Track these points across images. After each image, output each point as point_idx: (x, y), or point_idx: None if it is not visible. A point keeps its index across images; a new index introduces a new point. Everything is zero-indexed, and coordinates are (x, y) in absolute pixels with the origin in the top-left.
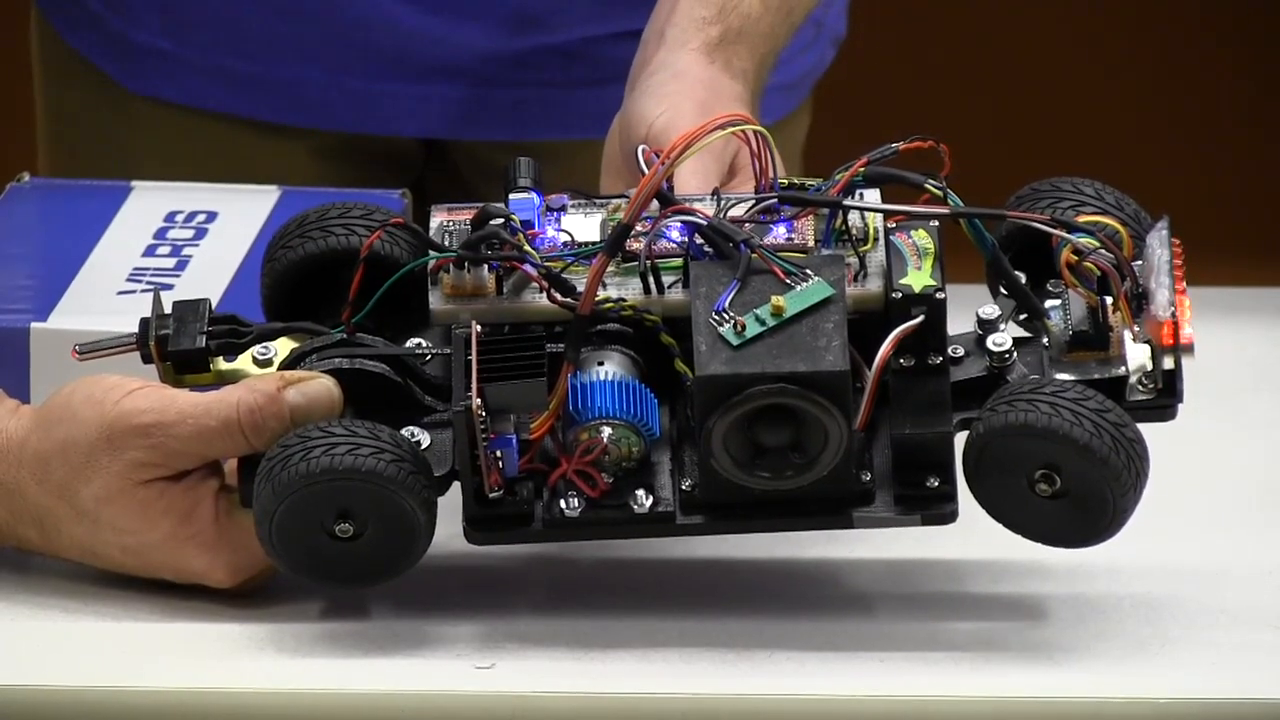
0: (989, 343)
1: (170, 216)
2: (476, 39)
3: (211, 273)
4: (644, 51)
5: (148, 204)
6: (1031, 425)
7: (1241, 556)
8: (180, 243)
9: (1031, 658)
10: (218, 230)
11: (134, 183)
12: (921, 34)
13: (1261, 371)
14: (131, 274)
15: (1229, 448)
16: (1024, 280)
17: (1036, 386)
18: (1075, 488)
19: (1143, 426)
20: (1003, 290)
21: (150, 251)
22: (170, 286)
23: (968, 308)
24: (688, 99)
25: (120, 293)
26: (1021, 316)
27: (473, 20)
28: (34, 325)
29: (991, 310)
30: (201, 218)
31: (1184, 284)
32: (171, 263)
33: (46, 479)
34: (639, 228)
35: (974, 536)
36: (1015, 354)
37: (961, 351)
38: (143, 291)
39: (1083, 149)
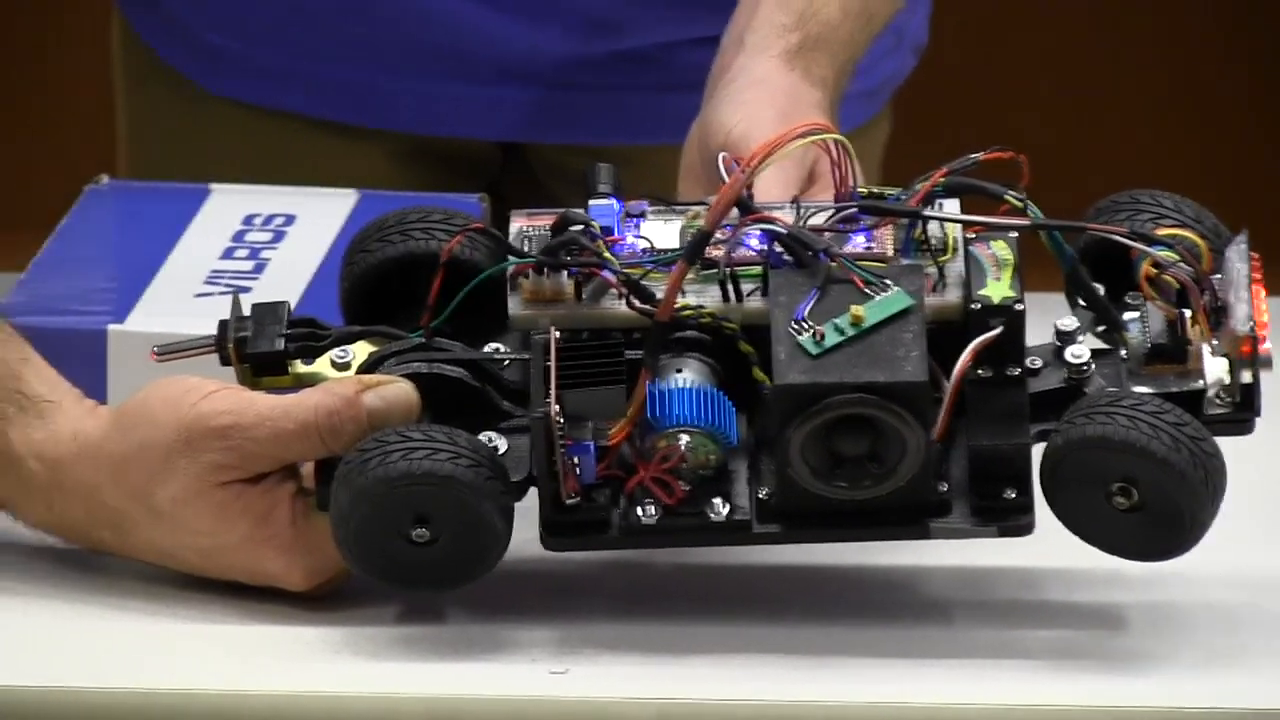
0: (1067, 354)
1: (248, 219)
2: (552, 43)
3: (289, 276)
4: (722, 58)
5: (226, 206)
6: (1110, 438)
7: None
8: (258, 245)
9: (1108, 666)
10: (296, 233)
11: (212, 185)
12: (1003, 44)
13: None
14: (209, 276)
15: None
16: (1102, 292)
17: (1115, 399)
18: (1153, 501)
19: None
20: (1081, 302)
21: (228, 254)
22: (248, 289)
23: (1046, 318)
24: (767, 106)
25: (198, 295)
26: (1099, 328)
27: (548, 24)
28: (111, 327)
29: (1070, 322)
30: (279, 220)
31: (1264, 297)
32: (249, 265)
33: (124, 480)
34: (718, 235)
35: (1050, 544)
36: (1093, 366)
37: (1039, 363)
38: (220, 294)
39: (1159, 159)
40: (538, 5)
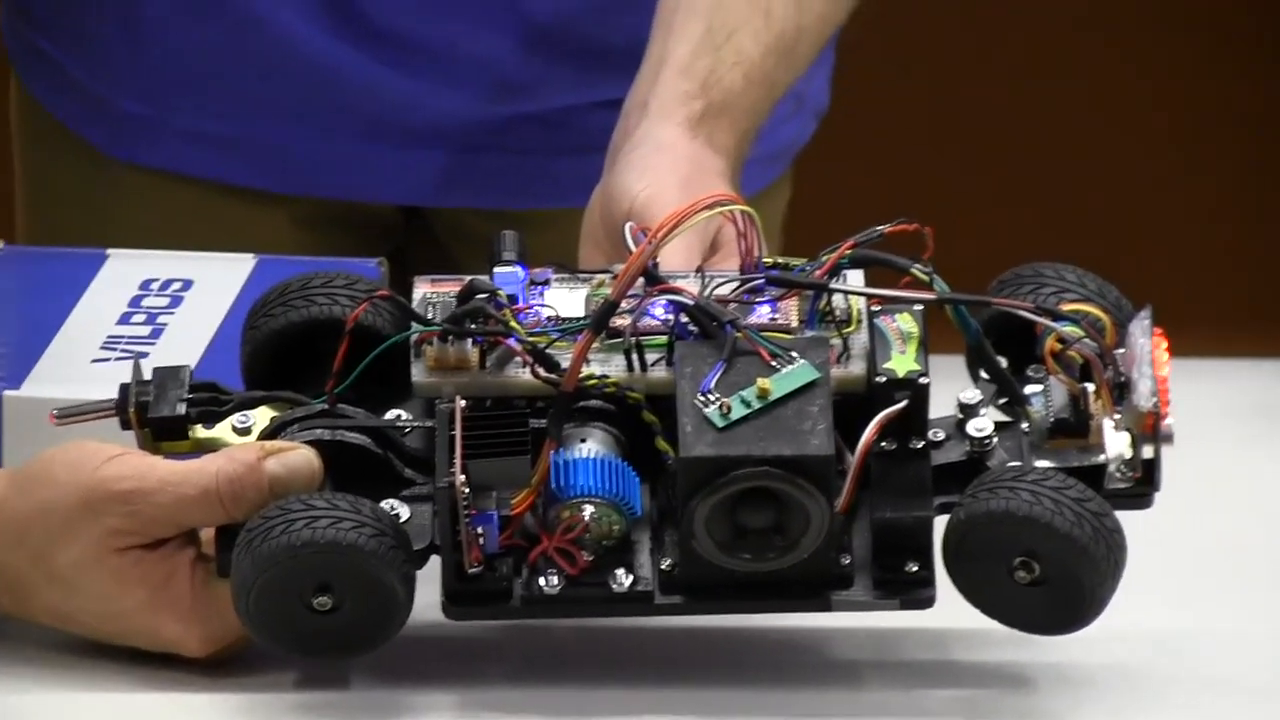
0: (969, 428)
1: (145, 284)
2: (459, 106)
3: (186, 341)
4: (625, 122)
5: (123, 271)
6: (1013, 513)
7: (1218, 624)
8: (155, 310)
9: None
10: (193, 298)
11: (109, 250)
12: (904, 108)
13: (1239, 439)
14: (105, 342)
15: (1205, 516)
16: (1006, 365)
17: (1018, 474)
18: (1054, 576)
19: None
20: (984, 375)
21: (125, 319)
22: (145, 355)
23: (950, 388)
24: (671, 174)
25: (94, 360)
26: (1003, 401)
27: (455, 87)
28: (7, 393)
29: (973, 395)
30: (177, 285)
31: (1167, 373)
32: (146, 330)
33: (23, 543)
34: (624, 304)
35: (957, 605)
36: (995, 440)
37: (942, 435)
38: (117, 360)
39: (1066, 229)
40: (443, 68)
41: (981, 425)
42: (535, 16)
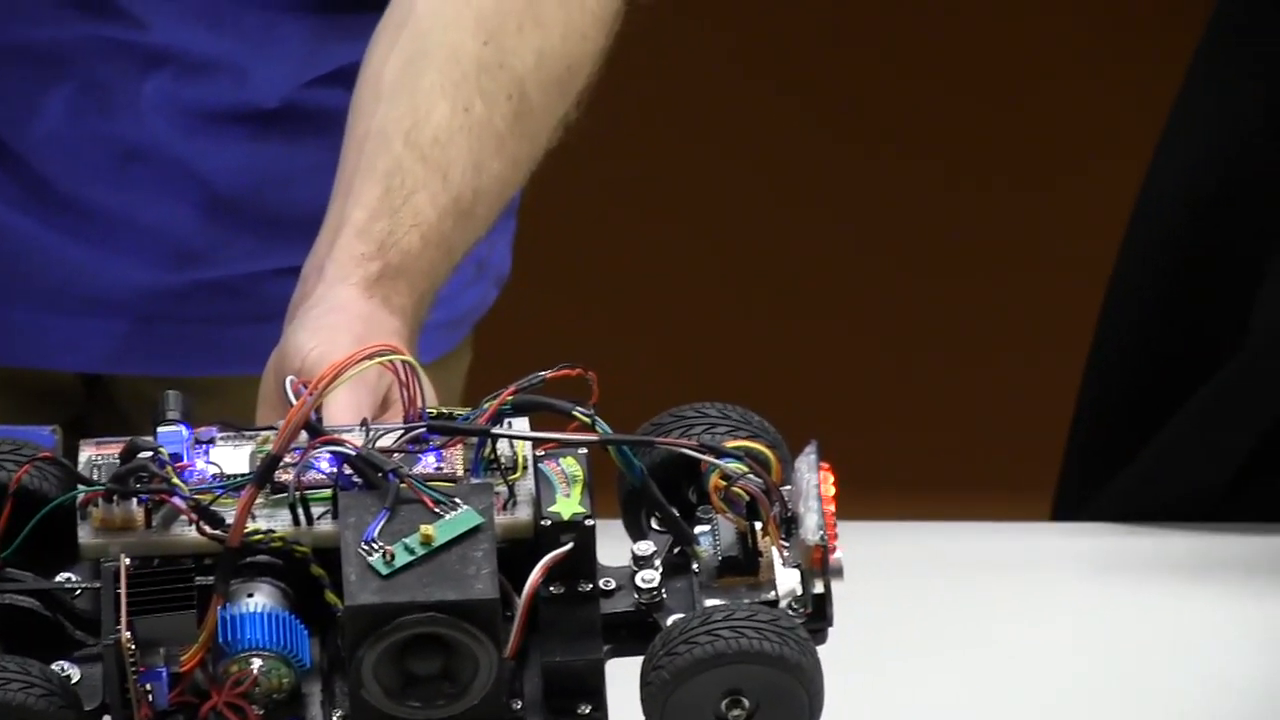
0: (638, 579)
1: None
2: (138, 273)
3: None
4: (304, 286)
5: None
6: (723, 653)
7: None
8: None
9: None
10: None
11: None
12: (584, 272)
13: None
14: None
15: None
16: (672, 508)
17: (706, 618)
18: (766, 702)
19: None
20: (654, 521)
21: None
22: None
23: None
24: (344, 331)
25: None
26: (676, 548)
27: (134, 255)
28: None
29: (645, 547)
30: None
31: (833, 508)
32: None
33: None
34: (288, 459)
35: None
36: (664, 592)
37: (614, 584)
38: None
39: (731, 375)
40: (121, 235)
41: (649, 576)
42: (215, 185)
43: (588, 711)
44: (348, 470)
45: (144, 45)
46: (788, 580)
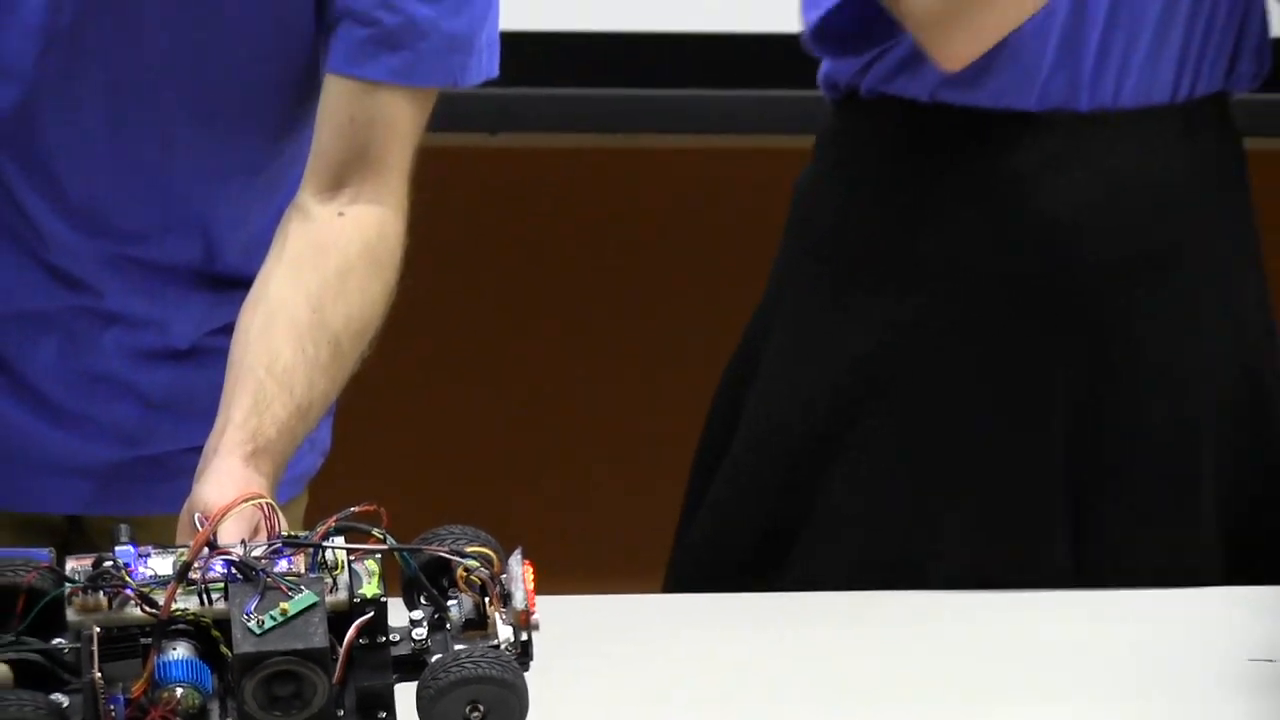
0: (413, 634)
1: None
2: (100, 451)
3: None
4: (204, 460)
5: None
6: (467, 678)
7: None
8: None
9: None
10: None
11: None
12: (379, 448)
13: None
14: None
15: None
16: (434, 589)
17: (456, 656)
18: (493, 708)
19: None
20: (423, 597)
21: None
22: None
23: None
24: (230, 488)
25: None
26: (436, 614)
27: (97, 440)
28: None
29: (418, 614)
30: None
31: (532, 587)
32: None
33: None
34: (197, 564)
35: None
36: (429, 642)
37: (398, 637)
38: None
39: (469, 506)
40: (89, 428)
41: (420, 634)
42: (149, 396)
43: (384, 716)
44: (234, 571)
45: (103, 309)
46: (505, 632)
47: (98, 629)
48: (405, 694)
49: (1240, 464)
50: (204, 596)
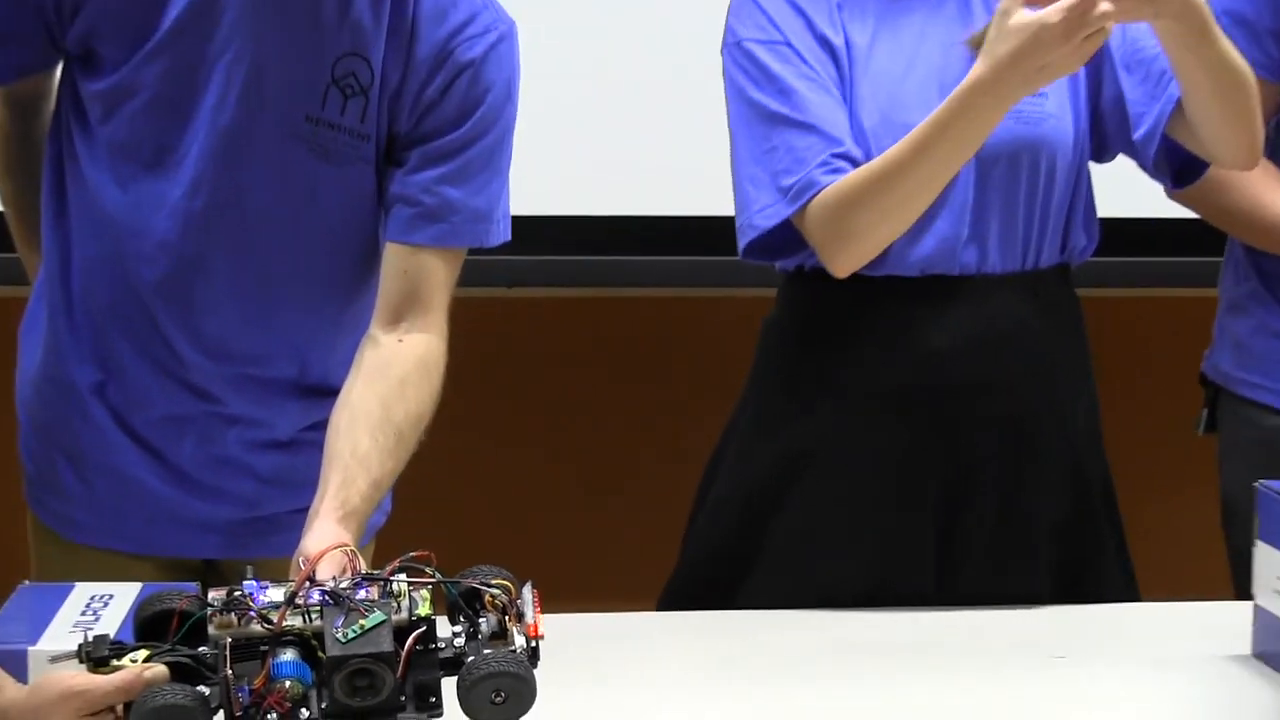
0: (454, 642)
1: (91, 597)
2: (226, 512)
3: (111, 622)
4: (309, 522)
5: (80, 593)
6: (493, 672)
7: None
8: (97, 609)
9: None
10: (114, 603)
11: (75, 584)
12: (426, 506)
13: None
14: (74, 625)
15: None
16: (471, 610)
17: (485, 658)
18: (511, 694)
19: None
20: (462, 617)
21: (84, 612)
22: (90, 628)
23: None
24: (326, 540)
25: (70, 632)
26: (471, 629)
27: (225, 504)
28: (30, 648)
29: (458, 629)
30: (106, 597)
31: (539, 608)
32: (92, 618)
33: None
34: (301, 594)
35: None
36: (466, 649)
37: (444, 645)
38: (74, 631)
39: (493, 550)
40: (218, 497)
41: (459, 642)
42: (261, 474)
43: (433, 701)
44: (329, 598)
45: (226, 413)
46: (520, 641)
47: (230, 640)
48: (448, 686)
49: (1068, 534)
50: (306, 616)
